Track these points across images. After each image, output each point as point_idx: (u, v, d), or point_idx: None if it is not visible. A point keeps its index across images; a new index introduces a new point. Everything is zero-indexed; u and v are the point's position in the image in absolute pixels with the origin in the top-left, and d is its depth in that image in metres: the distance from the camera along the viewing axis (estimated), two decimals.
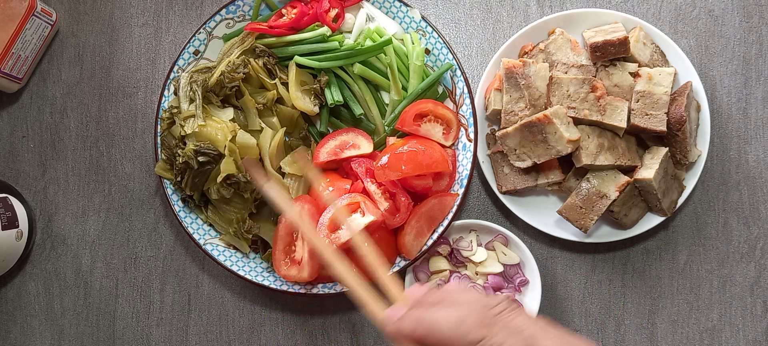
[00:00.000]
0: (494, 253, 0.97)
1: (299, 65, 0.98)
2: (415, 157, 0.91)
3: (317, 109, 0.98)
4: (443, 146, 0.97)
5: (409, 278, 0.97)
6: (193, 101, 0.94)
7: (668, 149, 0.93)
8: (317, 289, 0.94)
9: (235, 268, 0.95)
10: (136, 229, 1.04)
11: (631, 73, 0.95)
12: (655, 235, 1.01)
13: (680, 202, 0.96)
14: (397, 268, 0.94)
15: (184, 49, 0.98)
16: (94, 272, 1.04)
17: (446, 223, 0.93)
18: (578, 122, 0.93)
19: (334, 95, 0.97)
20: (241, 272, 0.95)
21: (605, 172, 0.93)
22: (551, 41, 0.97)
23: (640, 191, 0.95)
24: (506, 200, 0.97)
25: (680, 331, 1.00)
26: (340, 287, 0.94)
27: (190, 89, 0.95)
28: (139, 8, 1.08)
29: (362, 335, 1.01)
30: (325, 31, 0.98)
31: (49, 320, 1.04)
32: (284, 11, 1.00)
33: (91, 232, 1.05)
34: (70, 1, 1.09)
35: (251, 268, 0.96)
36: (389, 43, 0.97)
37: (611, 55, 0.94)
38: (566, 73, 0.95)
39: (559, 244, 1.01)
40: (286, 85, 0.98)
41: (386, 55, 0.98)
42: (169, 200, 0.96)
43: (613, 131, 0.94)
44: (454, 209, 0.93)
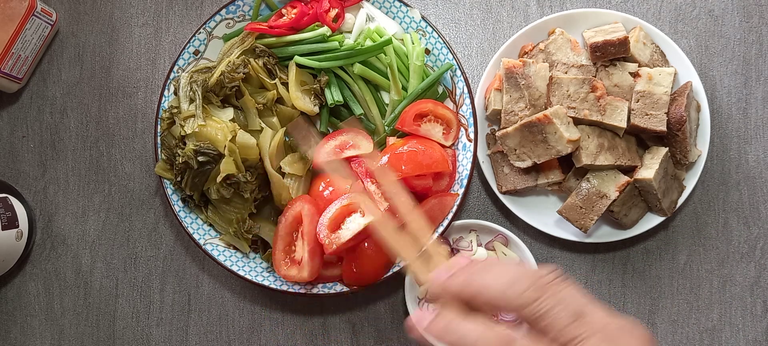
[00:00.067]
0: (494, 253, 0.97)
1: (299, 65, 0.98)
2: (415, 157, 0.91)
3: (317, 109, 0.98)
4: (443, 146, 0.97)
5: (409, 279, 0.97)
6: (193, 101, 0.94)
7: (668, 149, 0.93)
8: (317, 289, 0.94)
9: (235, 268, 0.95)
10: (136, 229, 1.04)
11: (631, 73, 0.94)
12: (655, 235, 1.01)
13: (680, 202, 0.96)
14: (396, 268, 0.94)
15: (184, 49, 0.98)
16: (94, 272, 1.04)
17: (446, 223, 0.93)
18: (578, 122, 0.93)
19: (334, 95, 0.97)
20: (241, 272, 0.95)
21: (605, 172, 0.93)
22: (551, 41, 0.97)
23: (640, 191, 0.95)
24: (506, 200, 0.97)
25: (680, 331, 1.00)
26: (340, 287, 0.94)
27: (190, 89, 0.95)
28: (139, 8, 1.08)
29: (362, 335, 1.01)
30: (325, 31, 0.98)
31: (49, 320, 1.04)
32: (284, 11, 1.00)
33: (91, 232, 1.05)
34: (70, 1, 1.09)
35: (251, 268, 0.96)
36: (389, 43, 0.96)
37: (611, 55, 0.94)
38: (566, 73, 0.95)
39: (559, 244, 1.01)
40: (286, 85, 0.98)
41: (386, 55, 0.98)
42: (169, 200, 0.96)
43: (613, 131, 0.94)
44: (454, 209, 0.93)
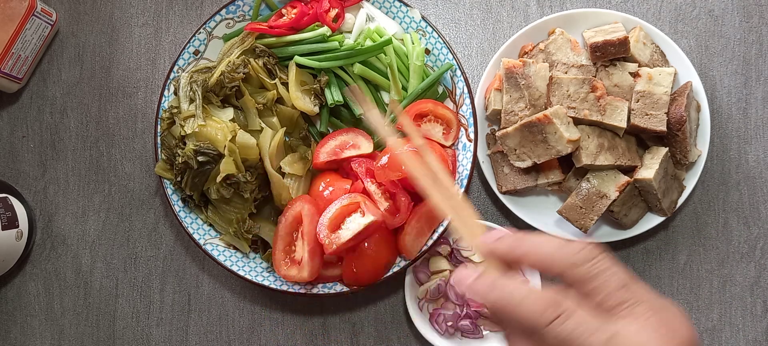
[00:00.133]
0: None
1: (299, 65, 0.98)
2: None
3: (317, 109, 0.98)
4: (443, 146, 0.97)
5: (409, 279, 0.97)
6: (193, 101, 0.94)
7: (668, 149, 0.93)
8: (317, 289, 0.94)
9: (235, 268, 0.95)
10: (136, 229, 1.04)
11: (631, 73, 0.94)
12: (655, 235, 1.01)
13: (680, 202, 0.96)
14: (396, 268, 0.94)
15: (184, 49, 0.98)
16: (94, 272, 1.04)
17: (446, 223, 0.93)
18: (578, 122, 0.93)
19: (334, 95, 0.97)
20: (241, 272, 0.95)
21: (605, 172, 0.93)
22: (551, 41, 0.97)
23: (640, 191, 0.95)
24: (506, 200, 0.97)
25: None
26: (340, 287, 0.94)
27: (190, 89, 0.95)
28: (139, 8, 1.08)
29: (362, 335, 1.01)
30: (325, 31, 0.97)
31: (49, 320, 1.04)
32: (284, 11, 1.00)
33: (91, 232, 1.05)
34: (70, 1, 1.09)
35: (251, 268, 0.96)
36: (389, 43, 0.96)
37: (611, 55, 0.94)
38: (566, 73, 0.95)
39: None
40: (286, 85, 0.98)
41: (386, 55, 0.98)
42: (169, 200, 0.96)
43: (613, 131, 0.94)
44: None
